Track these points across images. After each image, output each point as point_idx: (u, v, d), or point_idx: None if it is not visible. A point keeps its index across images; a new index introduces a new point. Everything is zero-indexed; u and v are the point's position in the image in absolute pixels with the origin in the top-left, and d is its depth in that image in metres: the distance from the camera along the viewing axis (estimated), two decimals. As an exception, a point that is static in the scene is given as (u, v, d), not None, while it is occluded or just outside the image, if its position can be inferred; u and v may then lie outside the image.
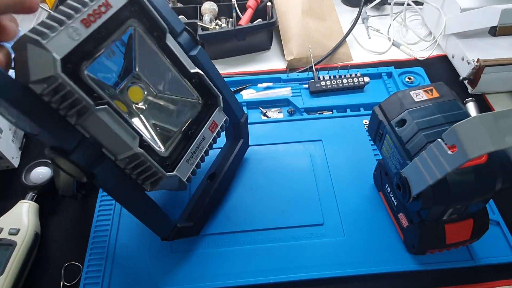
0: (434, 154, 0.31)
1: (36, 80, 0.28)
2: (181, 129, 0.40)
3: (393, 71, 0.66)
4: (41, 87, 0.28)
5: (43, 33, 0.27)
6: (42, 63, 0.28)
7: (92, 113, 0.31)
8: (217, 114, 0.43)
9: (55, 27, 0.28)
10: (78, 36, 0.29)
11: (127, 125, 0.33)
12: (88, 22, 0.30)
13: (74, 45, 0.29)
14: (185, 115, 0.41)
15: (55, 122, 0.30)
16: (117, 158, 0.34)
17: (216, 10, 0.74)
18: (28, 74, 0.28)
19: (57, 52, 0.28)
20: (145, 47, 0.36)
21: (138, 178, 0.37)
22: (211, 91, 0.41)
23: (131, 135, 0.34)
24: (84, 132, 0.31)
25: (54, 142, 0.30)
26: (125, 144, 0.33)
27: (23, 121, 0.29)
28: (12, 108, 0.27)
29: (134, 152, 0.34)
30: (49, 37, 0.27)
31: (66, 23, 0.28)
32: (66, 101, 0.30)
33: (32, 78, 0.28)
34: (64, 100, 0.29)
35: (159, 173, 0.36)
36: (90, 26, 0.30)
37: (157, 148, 0.37)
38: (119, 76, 0.36)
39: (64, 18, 0.29)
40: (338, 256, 0.45)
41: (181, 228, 0.43)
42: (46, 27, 0.28)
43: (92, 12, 0.30)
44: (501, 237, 0.46)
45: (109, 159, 0.34)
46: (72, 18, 0.29)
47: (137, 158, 0.35)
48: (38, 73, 0.28)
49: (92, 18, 0.30)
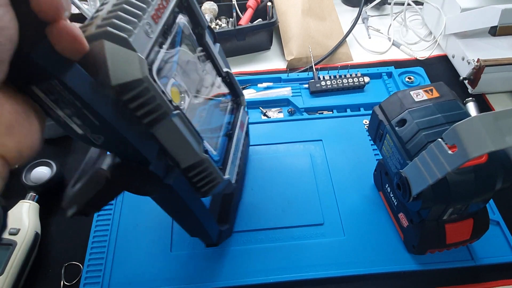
0: (434, 154, 0.31)
1: (119, 84, 0.24)
2: (223, 130, 0.38)
3: (393, 71, 0.66)
4: (123, 91, 0.25)
5: (125, 28, 0.23)
6: (126, 65, 0.24)
7: (169, 120, 0.28)
8: (243, 113, 0.42)
9: (134, 22, 0.24)
10: (152, 33, 0.26)
11: (194, 130, 0.31)
12: (157, 16, 0.27)
13: (151, 43, 0.26)
14: (222, 116, 0.39)
15: (138, 130, 0.26)
16: (180, 166, 0.31)
17: (216, 10, 0.74)
18: (107, 76, 0.23)
19: (140, 51, 0.24)
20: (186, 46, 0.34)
21: (195, 186, 0.34)
22: (236, 90, 0.40)
23: (197, 140, 0.31)
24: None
25: (133, 153, 0.26)
26: (192, 151, 0.31)
27: (100, 131, 0.24)
28: (91, 116, 0.23)
29: (200, 159, 0.31)
30: (132, 34, 0.24)
31: (142, 18, 0.25)
32: (146, 107, 0.26)
33: (114, 82, 0.24)
34: (143, 106, 0.26)
35: (218, 177, 0.34)
36: (158, 22, 0.27)
37: (211, 150, 0.35)
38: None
39: (140, 12, 0.25)
40: (338, 256, 0.45)
41: (222, 231, 0.42)
42: (123, 20, 0.24)
43: (158, 5, 0.27)
44: (501, 237, 0.46)
45: (175, 168, 0.31)
46: (145, 11, 0.25)
47: (200, 165, 0.32)
48: (121, 76, 0.24)
49: (159, 13, 0.27)
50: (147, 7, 0.26)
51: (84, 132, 0.24)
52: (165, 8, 0.28)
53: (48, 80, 0.20)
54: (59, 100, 0.22)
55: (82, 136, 0.25)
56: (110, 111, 0.23)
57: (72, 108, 0.22)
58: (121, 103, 0.25)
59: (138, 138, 0.26)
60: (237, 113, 0.42)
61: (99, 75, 0.23)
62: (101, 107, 0.23)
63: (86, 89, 0.22)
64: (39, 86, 0.21)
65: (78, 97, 0.21)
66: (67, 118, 0.23)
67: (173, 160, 0.31)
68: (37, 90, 0.21)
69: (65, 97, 0.21)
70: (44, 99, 0.21)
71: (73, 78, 0.21)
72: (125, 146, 0.26)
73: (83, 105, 0.22)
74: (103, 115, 0.23)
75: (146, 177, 0.28)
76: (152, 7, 0.26)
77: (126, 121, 0.25)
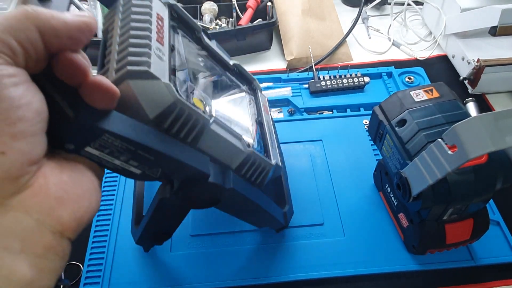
0: (434, 154, 0.31)
1: (156, 116, 0.25)
2: (252, 120, 0.40)
3: (393, 71, 0.66)
4: (162, 120, 0.25)
5: (142, 61, 0.24)
6: (156, 95, 0.24)
7: (209, 129, 0.29)
8: (262, 96, 0.44)
9: (146, 52, 0.25)
10: (164, 55, 0.27)
11: (231, 130, 0.32)
12: (160, 38, 0.27)
13: (168, 65, 0.27)
14: (246, 107, 0.40)
15: (187, 150, 0.27)
16: (231, 168, 0.33)
17: (216, 10, 0.74)
18: (144, 112, 0.24)
19: (162, 77, 0.25)
20: (190, 52, 0.35)
21: (250, 180, 0.36)
22: (247, 77, 0.42)
23: (238, 138, 0.32)
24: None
25: (190, 172, 0.27)
26: (238, 149, 0.32)
27: (156, 164, 0.25)
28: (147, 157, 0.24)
29: (246, 154, 0.33)
30: (149, 63, 0.24)
31: (150, 45, 0.25)
32: (186, 126, 0.27)
33: (152, 115, 0.25)
34: (184, 126, 0.27)
35: (267, 165, 0.36)
36: (164, 44, 0.28)
37: (251, 142, 0.36)
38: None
39: (146, 40, 0.25)
40: (338, 256, 0.45)
41: (286, 213, 0.44)
42: (137, 54, 0.24)
43: (157, 27, 0.28)
44: (501, 237, 0.46)
45: (229, 171, 0.32)
46: (150, 38, 0.26)
47: (249, 159, 0.33)
48: (156, 107, 0.25)
49: (161, 34, 0.28)
50: (149, 33, 0.26)
51: (142, 171, 0.25)
52: (163, 27, 0.29)
53: (99, 136, 0.21)
54: (114, 151, 0.23)
55: (141, 175, 0.26)
56: (160, 142, 0.24)
57: (127, 153, 0.23)
58: (164, 131, 0.26)
59: (190, 157, 0.27)
60: (257, 99, 0.43)
61: (136, 114, 0.24)
62: (151, 142, 0.24)
63: (133, 131, 0.23)
64: (93, 145, 0.22)
65: (130, 141, 0.22)
66: (124, 164, 0.24)
67: (223, 165, 0.32)
68: (92, 149, 0.22)
69: (117, 146, 0.22)
70: (100, 155, 0.23)
71: (119, 126, 0.22)
72: (182, 169, 0.27)
73: (136, 147, 0.23)
74: (156, 149, 0.24)
75: (209, 189, 0.30)
76: (153, 31, 0.27)
77: (175, 146, 0.26)
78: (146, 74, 0.24)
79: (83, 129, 0.19)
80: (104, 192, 0.51)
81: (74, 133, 0.19)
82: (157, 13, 0.29)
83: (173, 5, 0.33)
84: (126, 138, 0.22)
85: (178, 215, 0.36)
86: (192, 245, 0.46)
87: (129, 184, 0.51)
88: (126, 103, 0.24)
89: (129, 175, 0.26)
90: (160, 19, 0.29)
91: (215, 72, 0.39)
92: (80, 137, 0.21)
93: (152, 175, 0.26)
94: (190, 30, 0.36)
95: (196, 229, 0.47)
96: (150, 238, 0.40)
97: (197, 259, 0.45)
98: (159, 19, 0.28)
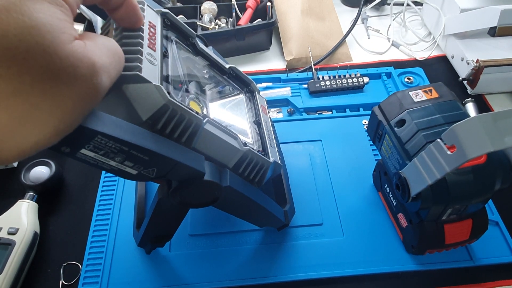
0: (433, 154, 0.31)
1: (149, 117, 0.26)
2: (250, 119, 0.40)
3: (393, 71, 0.66)
4: (155, 121, 0.26)
5: (133, 66, 0.25)
6: (148, 97, 0.25)
7: (203, 129, 0.30)
8: (260, 98, 0.44)
9: (137, 58, 0.26)
10: (156, 60, 0.28)
11: (227, 129, 0.32)
12: (152, 44, 0.28)
13: (159, 70, 0.28)
14: (243, 108, 0.41)
15: (181, 149, 0.28)
16: (228, 167, 0.33)
17: (215, 10, 0.74)
18: (137, 115, 0.25)
19: (153, 80, 0.26)
20: (186, 59, 0.36)
21: (249, 179, 0.36)
22: (244, 80, 0.43)
23: (233, 137, 0.33)
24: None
25: (186, 171, 0.28)
26: (233, 148, 0.33)
27: (151, 164, 0.26)
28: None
29: (243, 153, 0.33)
30: (140, 68, 0.25)
31: (142, 51, 0.26)
32: (180, 126, 0.28)
33: (145, 117, 0.26)
34: (177, 127, 0.28)
35: (265, 163, 0.36)
36: (156, 49, 0.29)
37: (249, 142, 0.37)
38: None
39: (138, 47, 0.27)
40: (337, 256, 0.45)
41: (287, 211, 0.44)
42: (128, 60, 0.25)
43: (149, 34, 0.29)
44: (500, 238, 0.46)
45: (226, 169, 0.33)
46: (141, 44, 0.27)
47: (246, 157, 0.34)
48: (148, 109, 0.26)
49: (153, 41, 0.29)
50: (141, 40, 0.27)
51: (138, 171, 0.26)
52: (155, 34, 0.30)
53: (92, 138, 0.22)
54: (108, 152, 0.24)
55: (137, 176, 0.27)
56: (153, 142, 0.25)
57: (122, 154, 0.24)
58: (158, 132, 0.27)
59: (185, 156, 0.28)
60: (254, 100, 0.44)
61: (130, 116, 0.25)
62: (144, 142, 0.25)
63: (126, 132, 0.24)
64: (88, 147, 0.23)
65: (123, 142, 0.23)
66: (120, 165, 0.25)
67: (220, 164, 0.32)
68: (87, 151, 0.23)
69: (111, 147, 0.23)
70: (96, 157, 0.24)
71: (111, 127, 0.23)
72: (176, 168, 0.27)
73: (129, 147, 0.24)
74: (150, 149, 0.25)
75: (205, 187, 0.30)
76: (145, 38, 0.28)
77: (168, 145, 0.27)
78: (137, 78, 0.25)
79: (77, 132, 0.20)
80: (103, 192, 0.51)
81: (69, 136, 0.19)
82: (149, 21, 0.30)
83: (166, 13, 0.34)
84: (118, 138, 0.23)
85: (177, 215, 0.36)
86: (191, 245, 0.46)
87: (128, 184, 0.52)
88: (119, 106, 0.25)
89: (126, 176, 0.26)
90: (152, 27, 0.30)
91: (219, 83, 0.40)
92: (74, 140, 0.22)
93: (148, 175, 0.27)
94: (185, 37, 0.37)
95: (195, 229, 0.47)
96: (151, 240, 0.40)
97: (196, 259, 0.45)
98: (151, 27, 0.30)
